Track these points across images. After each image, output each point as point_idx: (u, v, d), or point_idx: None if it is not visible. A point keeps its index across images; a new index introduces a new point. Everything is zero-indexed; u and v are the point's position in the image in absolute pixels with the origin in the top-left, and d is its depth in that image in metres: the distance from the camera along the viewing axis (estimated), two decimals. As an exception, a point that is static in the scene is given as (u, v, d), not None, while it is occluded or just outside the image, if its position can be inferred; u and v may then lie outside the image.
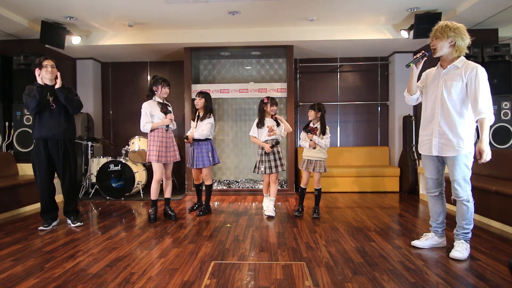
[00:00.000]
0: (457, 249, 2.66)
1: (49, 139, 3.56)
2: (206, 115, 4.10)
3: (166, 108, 3.87)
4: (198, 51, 5.80)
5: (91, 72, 6.23)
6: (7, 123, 5.11)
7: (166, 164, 3.94)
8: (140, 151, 5.37)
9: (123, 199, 5.27)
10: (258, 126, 4.12)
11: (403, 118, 5.82)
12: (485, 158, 2.49)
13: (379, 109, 6.39)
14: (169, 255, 2.79)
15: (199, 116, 4.15)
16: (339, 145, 6.44)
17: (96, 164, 5.49)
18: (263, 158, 4.11)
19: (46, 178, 3.59)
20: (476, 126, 2.65)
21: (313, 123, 4.08)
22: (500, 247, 2.94)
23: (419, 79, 2.92)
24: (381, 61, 6.31)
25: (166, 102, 3.96)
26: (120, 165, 5.25)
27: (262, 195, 5.13)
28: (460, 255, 2.62)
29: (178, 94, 6.09)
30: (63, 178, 3.66)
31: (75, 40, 5.20)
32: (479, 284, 2.22)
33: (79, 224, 3.72)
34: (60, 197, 3.97)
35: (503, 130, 4.70)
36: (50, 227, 3.62)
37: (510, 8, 4.24)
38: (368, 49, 5.82)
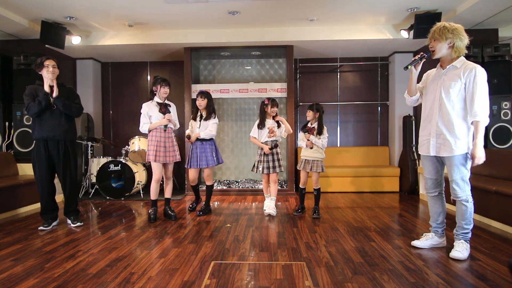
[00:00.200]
0: (457, 249, 2.66)
1: (49, 140, 3.56)
2: (211, 115, 4.11)
3: (165, 108, 3.87)
4: (198, 51, 5.80)
5: (91, 72, 6.23)
6: (7, 123, 5.10)
7: (165, 164, 3.94)
8: (140, 151, 5.37)
9: (123, 199, 5.27)
10: (259, 127, 4.17)
11: (403, 118, 5.83)
12: (477, 162, 2.51)
13: (379, 109, 6.39)
14: (169, 255, 2.79)
15: (202, 116, 4.14)
16: (339, 145, 6.44)
17: (96, 164, 5.49)
18: (262, 158, 4.16)
19: (46, 178, 3.59)
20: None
21: (311, 123, 4.09)
22: (500, 247, 2.94)
23: (419, 80, 2.92)
24: (381, 61, 6.31)
25: (168, 102, 3.96)
26: (120, 165, 5.26)
27: (262, 195, 5.16)
28: (460, 255, 2.62)
29: (178, 94, 6.10)
30: (63, 179, 3.65)
31: (75, 40, 5.20)
32: (479, 284, 2.22)
33: (79, 224, 3.72)
34: (60, 197, 3.98)
35: (503, 130, 4.70)
36: (50, 227, 3.62)
37: (510, 8, 4.24)
38: (368, 49, 5.82)
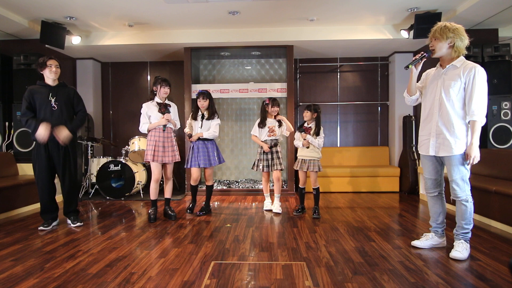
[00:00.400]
0: (457, 249, 2.67)
1: (49, 140, 3.55)
2: (213, 115, 4.09)
3: (164, 108, 3.87)
4: (198, 51, 5.80)
5: (91, 72, 6.23)
6: (7, 123, 5.11)
7: (165, 164, 3.94)
8: (140, 151, 5.36)
9: (123, 199, 5.27)
10: (259, 126, 4.25)
11: (403, 118, 5.83)
12: (472, 162, 2.52)
13: (379, 109, 6.39)
14: (169, 255, 2.79)
15: (203, 115, 4.11)
16: (339, 145, 6.44)
17: (96, 164, 5.49)
18: (261, 157, 4.23)
19: (46, 178, 3.59)
20: None
21: (307, 123, 4.11)
22: (500, 247, 2.94)
23: (419, 80, 2.92)
24: (381, 61, 6.31)
25: (168, 102, 3.96)
26: (120, 165, 5.25)
27: (263, 195, 5.16)
28: (460, 255, 2.62)
29: (178, 94, 6.10)
30: (63, 179, 3.65)
31: (75, 40, 5.21)
32: (479, 284, 2.22)
33: (79, 224, 3.72)
34: (60, 197, 3.97)
35: (503, 130, 4.70)
36: (50, 227, 3.62)
37: (510, 8, 4.24)
38: (368, 49, 5.82)
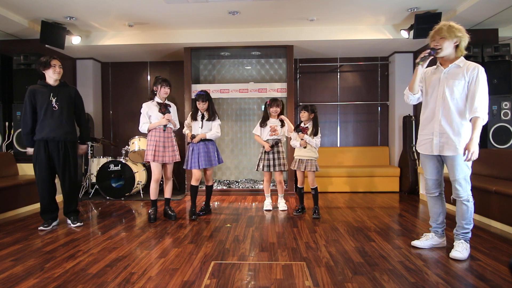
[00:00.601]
0: (457, 249, 2.66)
1: (49, 141, 3.55)
2: (214, 116, 4.05)
3: (165, 108, 3.86)
4: (198, 51, 5.80)
5: (91, 72, 6.23)
6: (7, 123, 5.10)
7: (165, 164, 3.93)
8: (140, 151, 5.36)
9: (123, 199, 5.27)
10: (261, 125, 4.30)
11: (403, 118, 5.82)
12: (470, 158, 2.49)
13: (379, 109, 6.39)
14: (169, 255, 2.79)
15: (203, 116, 4.05)
16: (339, 145, 6.43)
17: (96, 164, 5.49)
18: (263, 157, 4.27)
19: (47, 178, 3.59)
20: None
21: (304, 123, 4.12)
22: (500, 247, 2.94)
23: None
24: (381, 61, 6.31)
25: (168, 102, 3.95)
26: (120, 165, 5.25)
27: (263, 195, 5.16)
28: (460, 255, 2.62)
29: (178, 94, 6.10)
30: (63, 179, 3.65)
31: (75, 40, 5.20)
32: (479, 284, 2.22)
33: (79, 224, 3.72)
34: (60, 197, 3.98)
35: (503, 130, 4.70)
36: (50, 227, 3.62)
37: (510, 8, 4.24)
38: (368, 49, 5.82)
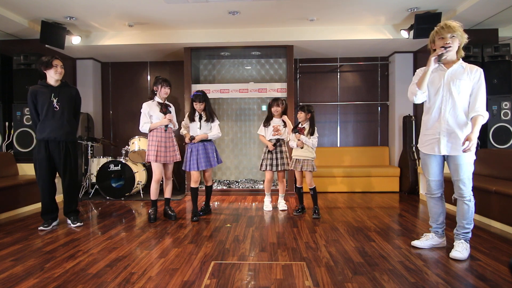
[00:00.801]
0: (457, 249, 2.67)
1: (50, 141, 3.56)
2: (212, 116, 4.03)
3: (165, 108, 3.86)
4: (198, 51, 5.80)
5: (91, 72, 6.23)
6: (7, 123, 5.10)
7: (166, 164, 3.94)
8: (140, 151, 5.36)
9: (123, 199, 5.27)
10: (264, 125, 4.37)
11: (403, 118, 5.82)
12: (469, 147, 2.51)
13: (379, 109, 6.39)
14: (169, 255, 2.79)
15: (201, 116, 4.00)
16: (339, 145, 6.43)
17: (96, 164, 5.49)
18: (266, 156, 4.31)
19: (47, 178, 3.59)
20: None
21: (301, 124, 4.13)
22: (500, 247, 2.94)
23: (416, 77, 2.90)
24: (381, 61, 6.31)
25: (168, 102, 3.95)
26: (120, 165, 5.25)
27: (263, 195, 5.16)
28: (460, 255, 2.62)
29: (178, 94, 6.10)
30: (64, 179, 3.66)
31: (75, 40, 5.20)
32: (479, 284, 2.22)
33: (79, 224, 3.72)
34: (60, 197, 3.98)
35: (503, 130, 4.70)
36: (50, 227, 3.62)
37: (510, 8, 4.24)
38: (368, 49, 5.82)
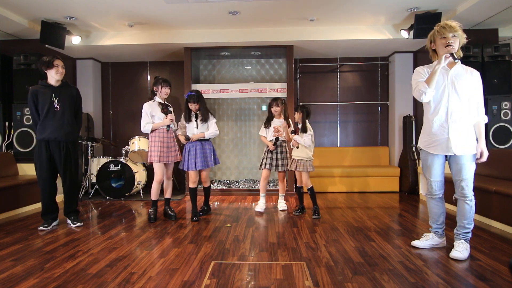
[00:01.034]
0: (457, 249, 2.67)
1: (51, 141, 3.56)
2: (208, 115, 3.99)
3: (166, 108, 3.86)
4: (198, 51, 5.80)
5: (91, 72, 6.23)
6: (7, 123, 5.10)
7: (167, 164, 3.94)
8: (140, 151, 5.36)
9: (123, 199, 5.27)
10: (265, 125, 4.39)
11: (403, 118, 5.82)
12: (485, 159, 2.60)
13: (379, 109, 6.39)
14: (169, 255, 2.79)
15: (197, 116, 3.97)
16: (339, 145, 6.43)
17: (96, 164, 5.49)
18: (266, 155, 4.33)
19: (48, 179, 3.59)
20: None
21: (298, 124, 4.13)
22: (500, 247, 2.94)
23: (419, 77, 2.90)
24: (381, 61, 6.31)
25: (167, 102, 3.95)
26: (120, 165, 5.25)
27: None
28: (460, 255, 2.62)
29: (178, 94, 6.10)
30: (64, 179, 3.66)
31: (75, 40, 5.20)
32: (479, 284, 2.22)
33: (79, 224, 3.72)
34: (60, 197, 3.98)
35: (503, 130, 4.70)
36: (50, 227, 3.62)
37: (510, 8, 4.24)
38: (368, 49, 5.82)
